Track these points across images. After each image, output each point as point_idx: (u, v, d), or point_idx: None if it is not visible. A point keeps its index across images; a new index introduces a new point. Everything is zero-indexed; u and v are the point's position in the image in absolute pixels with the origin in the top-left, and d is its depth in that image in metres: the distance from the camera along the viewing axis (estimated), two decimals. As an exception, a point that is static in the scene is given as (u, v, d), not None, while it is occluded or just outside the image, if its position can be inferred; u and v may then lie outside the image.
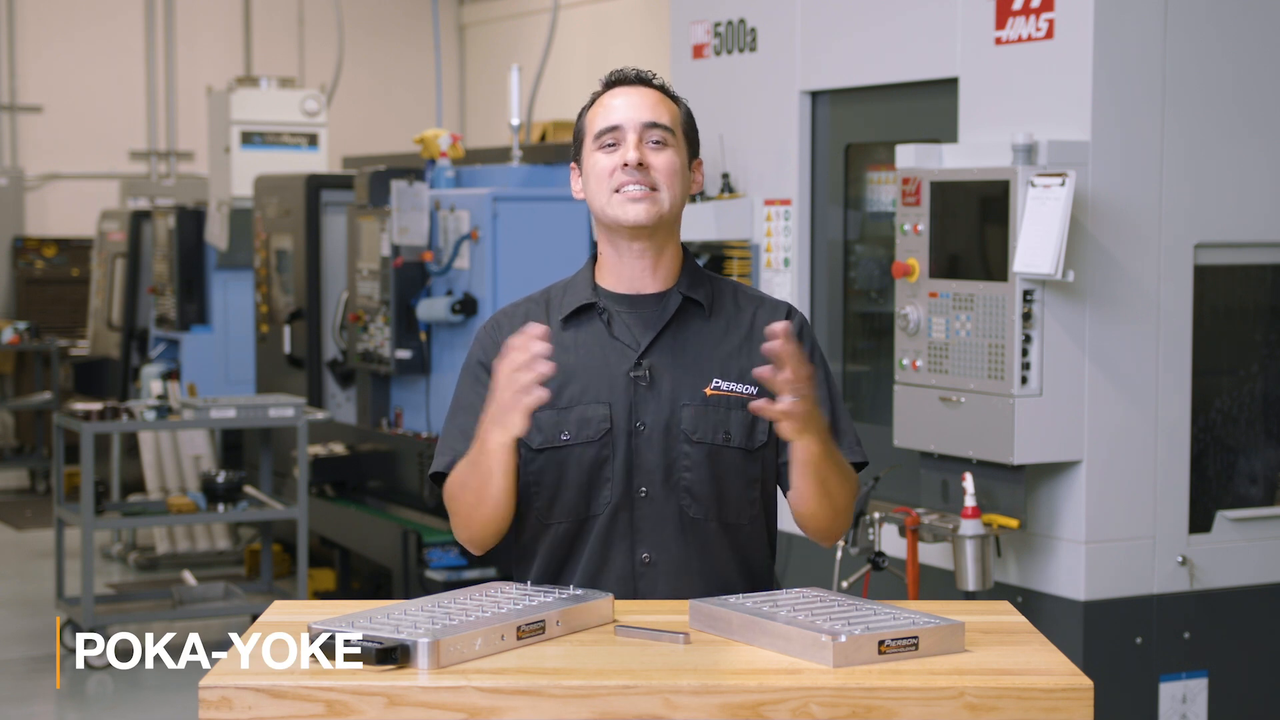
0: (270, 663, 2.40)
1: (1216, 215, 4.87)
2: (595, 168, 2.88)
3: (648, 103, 2.89)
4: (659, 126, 2.88)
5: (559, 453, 2.87)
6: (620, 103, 2.90)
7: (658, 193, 2.86)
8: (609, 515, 2.85)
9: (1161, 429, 4.81)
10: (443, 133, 7.76)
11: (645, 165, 2.85)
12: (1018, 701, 2.30)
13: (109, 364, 11.36)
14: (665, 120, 2.89)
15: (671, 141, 2.89)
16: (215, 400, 7.55)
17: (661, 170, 2.87)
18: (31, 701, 6.89)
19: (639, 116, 2.88)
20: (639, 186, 2.85)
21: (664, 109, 2.90)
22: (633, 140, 2.86)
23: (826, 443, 2.76)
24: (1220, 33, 4.83)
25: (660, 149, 2.88)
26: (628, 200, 2.85)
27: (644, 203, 2.85)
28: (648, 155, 2.86)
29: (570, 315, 2.92)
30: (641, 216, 2.85)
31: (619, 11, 13.59)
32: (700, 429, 2.86)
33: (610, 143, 2.88)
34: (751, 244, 5.87)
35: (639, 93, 2.91)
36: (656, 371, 2.87)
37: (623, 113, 2.88)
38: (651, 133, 2.87)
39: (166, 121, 14.84)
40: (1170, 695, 4.81)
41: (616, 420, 2.85)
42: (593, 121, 2.91)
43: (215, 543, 9.42)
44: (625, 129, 2.87)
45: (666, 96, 2.93)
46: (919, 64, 5.21)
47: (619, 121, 2.88)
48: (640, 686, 2.30)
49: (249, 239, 9.77)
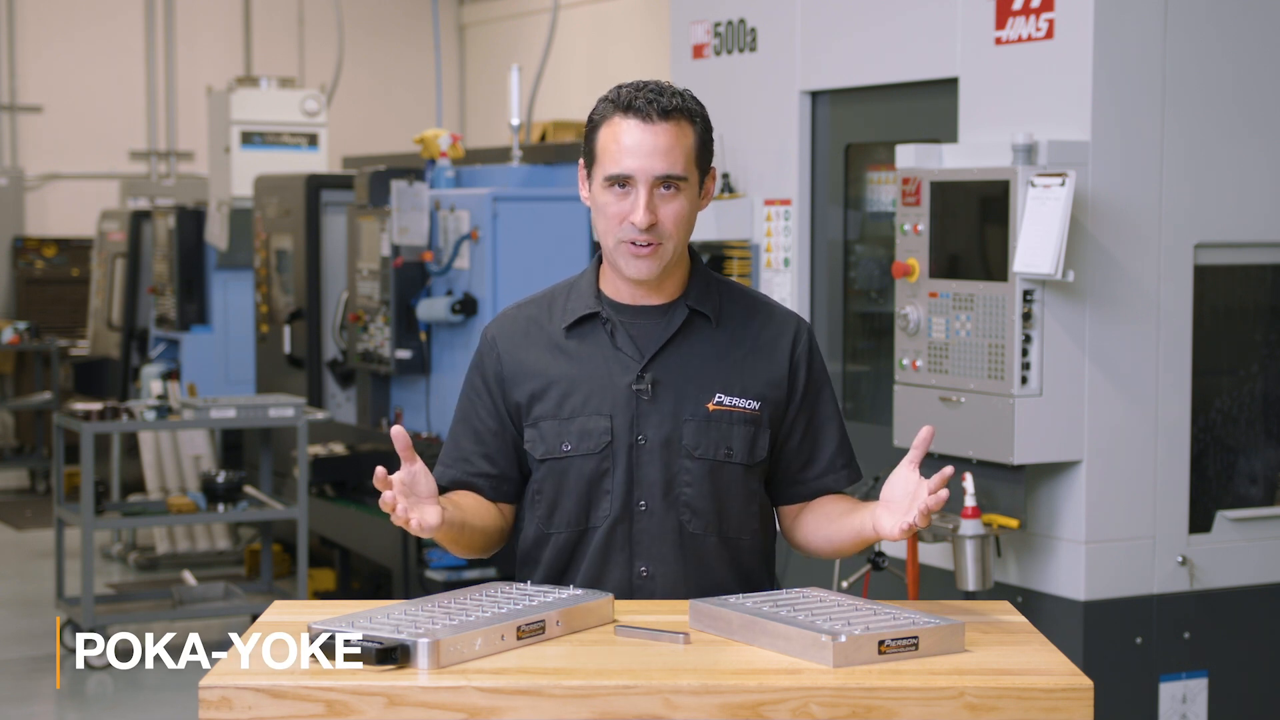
0: (270, 663, 2.40)
1: (1216, 215, 4.87)
2: (605, 208, 2.80)
3: (662, 148, 2.76)
4: (672, 177, 2.77)
5: (560, 463, 2.86)
6: (634, 144, 2.76)
7: (662, 246, 2.80)
8: (608, 528, 2.84)
9: (1161, 429, 4.81)
10: (443, 133, 7.76)
11: (655, 223, 2.78)
12: (1018, 701, 2.30)
13: (109, 364, 11.35)
14: (679, 169, 2.77)
15: (684, 186, 2.79)
16: (215, 400, 7.55)
17: (670, 222, 2.78)
18: (31, 701, 6.89)
19: (652, 168, 2.76)
20: (646, 242, 2.78)
21: (678, 152, 2.77)
22: (644, 196, 2.76)
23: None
24: (1220, 33, 4.83)
25: (672, 197, 2.78)
26: (631, 256, 2.80)
27: (649, 260, 2.80)
28: (657, 208, 2.77)
29: (574, 323, 2.90)
30: (645, 274, 2.82)
31: (619, 11, 13.59)
32: (702, 444, 2.84)
33: (621, 185, 2.78)
34: (751, 244, 5.87)
35: (654, 135, 2.76)
36: (659, 385, 2.84)
37: (636, 161, 2.76)
38: (665, 182, 2.77)
39: (166, 121, 14.84)
40: (1170, 695, 4.81)
41: (618, 433, 2.84)
42: (604, 153, 2.80)
43: (215, 543, 9.42)
44: (638, 181, 2.76)
45: (684, 118, 2.80)
46: (919, 64, 5.21)
47: (631, 172, 2.76)
48: (640, 686, 2.30)
49: (249, 239, 9.77)
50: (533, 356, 2.90)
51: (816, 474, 2.95)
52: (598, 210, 2.83)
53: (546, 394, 2.88)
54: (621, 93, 2.81)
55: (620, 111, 2.80)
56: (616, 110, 2.80)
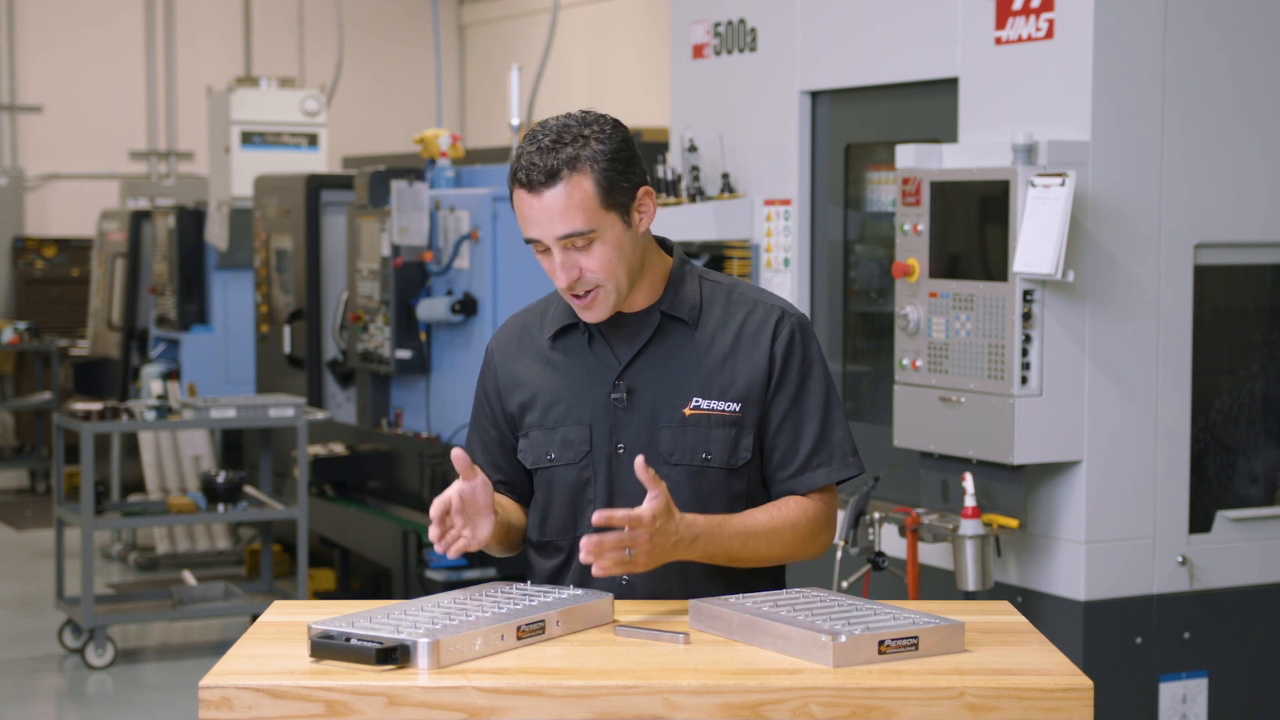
0: (270, 663, 2.40)
1: (1216, 215, 4.87)
2: (542, 266, 2.83)
3: (554, 210, 2.73)
4: (575, 234, 2.75)
5: (547, 473, 2.89)
6: (529, 214, 2.76)
7: (601, 289, 2.79)
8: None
9: (1161, 429, 4.81)
10: (443, 133, 7.76)
11: (579, 275, 2.77)
12: (1018, 701, 2.30)
13: (109, 364, 11.36)
14: (578, 224, 2.74)
15: (596, 234, 2.76)
16: (215, 400, 7.55)
17: (597, 269, 2.77)
18: (31, 701, 6.89)
19: (552, 231, 2.75)
20: (582, 291, 2.79)
21: (573, 208, 2.73)
22: (559, 257, 2.76)
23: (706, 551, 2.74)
24: (1220, 33, 4.83)
25: (587, 249, 2.76)
26: (580, 306, 2.82)
27: (595, 307, 2.81)
28: (577, 261, 2.77)
29: (557, 333, 2.92)
30: (597, 318, 2.83)
31: (619, 11, 13.59)
32: (679, 451, 2.82)
33: (541, 250, 2.79)
34: (751, 244, 5.87)
35: (543, 202, 2.74)
36: (635, 393, 2.84)
37: (536, 228, 2.76)
38: (571, 240, 2.75)
39: (166, 121, 14.84)
40: (1170, 695, 4.81)
41: (596, 442, 2.84)
42: (518, 219, 2.80)
43: (215, 543, 9.42)
44: (545, 241, 2.76)
45: (575, 173, 2.73)
46: (919, 64, 5.21)
47: (535, 235, 2.77)
48: (640, 686, 2.30)
49: (249, 239, 9.77)
50: (522, 367, 2.94)
51: (792, 473, 2.87)
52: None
53: (534, 404, 2.91)
54: (519, 157, 2.79)
55: (514, 181, 2.80)
56: (513, 180, 2.80)
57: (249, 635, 2.59)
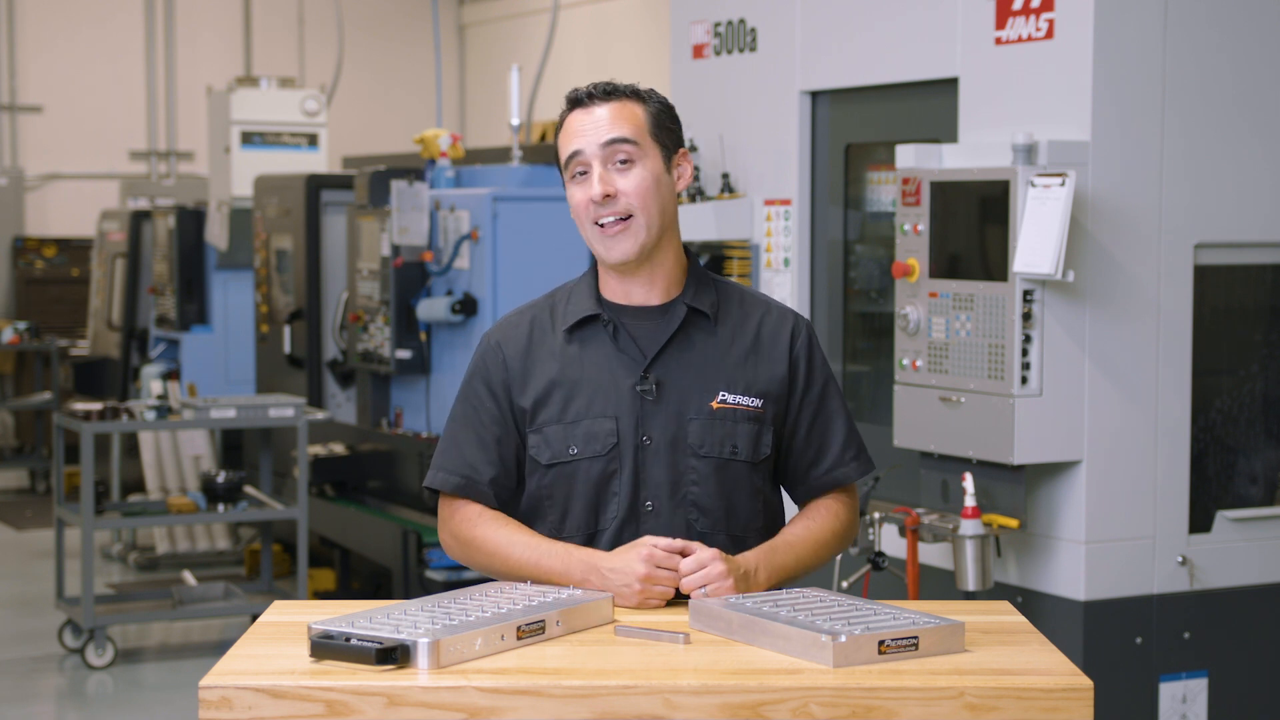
0: (270, 663, 2.40)
1: (1216, 215, 4.87)
2: (572, 201, 2.86)
3: (605, 119, 2.82)
4: (621, 141, 2.81)
5: (567, 468, 2.86)
6: (579, 126, 2.84)
7: (633, 219, 2.81)
8: (615, 530, 2.84)
9: (1161, 429, 4.81)
10: (443, 133, 7.76)
11: (614, 194, 2.80)
12: (1018, 701, 2.30)
13: (109, 364, 11.36)
14: (626, 132, 2.82)
15: (638, 154, 2.82)
16: (215, 400, 7.55)
17: (632, 192, 2.81)
18: (31, 701, 6.89)
19: (598, 137, 2.81)
20: (613, 218, 2.81)
21: (624, 120, 2.83)
22: (597, 170, 2.81)
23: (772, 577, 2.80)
24: (1220, 33, 4.83)
25: (627, 168, 2.81)
26: (606, 237, 2.82)
27: (622, 238, 2.81)
28: (614, 180, 2.81)
29: (574, 326, 2.90)
30: (623, 254, 2.83)
31: (619, 11, 13.59)
32: (707, 443, 2.84)
33: (580, 170, 2.83)
34: (751, 244, 5.87)
35: (595, 111, 2.84)
36: (663, 385, 2.85)
37: (582, 137, 2.83)
38: (614, 151, 2.81)
39: (166, 121, 14.84)
40: (1170, 695, 4.81)
41: (623, 434, 2.84)
42: (562, 148, 2.87)
43: (215, 543, 9.42)
44: (587, 154, 2.82)
45: (630, 99, 2.85)
46: (919, 64, 5.21)
47: (580, 146, 2.82)
48: (640, 686, 2.30)
49: (249, 239, 9.77)
50: (536, 361, 2.90)
51: (827, 468, 2.96)
52: (572, 210, 2.88)
53: (550, 398, 2.87)
54: (575, 93, 2.91)
55: (568, 107, 2.89)
56: (567, 105, 2.90)
57: (249, 635, 2.59)
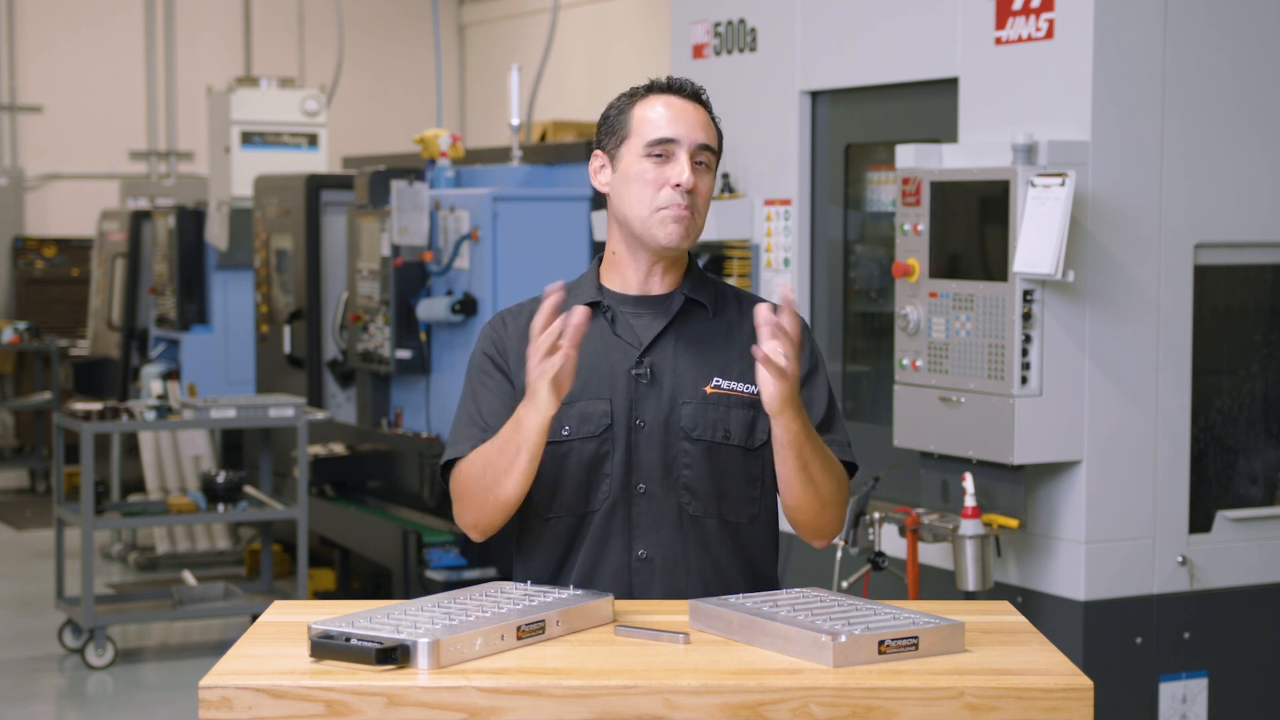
0: (270, 663, 2.40)
1: (1216, 215, 4.87)
2: (642, 175, 2.88)
3: (701, 122, 2.90)
4: (708, 150, 2.89)
5: (559, 448, 2.88)
6: (676, 113, 2.89)
7: (695, 217, 2.89)
8: (606, 511, 2.86)
9: (1161, 429, 4.81)
10: (443, 133, 7.76)
11: (692, 190, 2.87)
12: (1018, 701, 2.30)
13: (109, 364, 11.36)
14: (713, 142, 2.91)
15: (712, 164, 2.91)
16: (215, 400, 7.55)
17: (703, 195, 2.89)
18: (31, 701, 6.89)
19: (694, 136, 2.88)
20: (686, 209, 2.87)
21: (711, 130, 2.92)
22: (686, 162, 2.86)
23: (807, 425, 2.76)
24: (1220, 33, 4.83)
25: (704, 173, 2.89)
26: (670, 220, 2.86)
27: (683, 225, 2.87)
28: (694, 178, 2.87)
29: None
30: (678, 239, 2.88)
31: (619, 11, 13.58)
32: (699, 426, 2.87)
33: (661, 154, 2.87)
34: (751, 244, 5.87)
35: (694, 109, 2.91)
36: (658, 369, 2.89)
37: (679, 128, 2.88)
38: (701, 155, 2.88)
39: (166, 121, 14.84)
40: (1170, 695, 4.81)
41: (617, 416, 2.87)
42: (642, 124, 2.89)
43: (215, 543, 9.42)
44: (681, 146, 2.87)
45: (709, 113, 2.94)
46: (919, 64, 5.21)
47: (677, 136, 2.87)
48: (640, 686, 2.30)
49: (249, 239, 9.77)
50: None
51: None
52: (633, 180, 2.88)
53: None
54: (653, 80, 2.96)
55: (658, 91, 2.93)
56: (653, 91, 2.94)
57: (249, 635, 2.59)
